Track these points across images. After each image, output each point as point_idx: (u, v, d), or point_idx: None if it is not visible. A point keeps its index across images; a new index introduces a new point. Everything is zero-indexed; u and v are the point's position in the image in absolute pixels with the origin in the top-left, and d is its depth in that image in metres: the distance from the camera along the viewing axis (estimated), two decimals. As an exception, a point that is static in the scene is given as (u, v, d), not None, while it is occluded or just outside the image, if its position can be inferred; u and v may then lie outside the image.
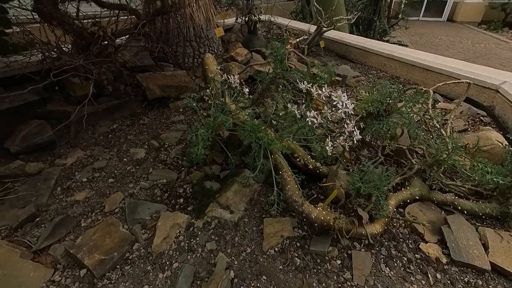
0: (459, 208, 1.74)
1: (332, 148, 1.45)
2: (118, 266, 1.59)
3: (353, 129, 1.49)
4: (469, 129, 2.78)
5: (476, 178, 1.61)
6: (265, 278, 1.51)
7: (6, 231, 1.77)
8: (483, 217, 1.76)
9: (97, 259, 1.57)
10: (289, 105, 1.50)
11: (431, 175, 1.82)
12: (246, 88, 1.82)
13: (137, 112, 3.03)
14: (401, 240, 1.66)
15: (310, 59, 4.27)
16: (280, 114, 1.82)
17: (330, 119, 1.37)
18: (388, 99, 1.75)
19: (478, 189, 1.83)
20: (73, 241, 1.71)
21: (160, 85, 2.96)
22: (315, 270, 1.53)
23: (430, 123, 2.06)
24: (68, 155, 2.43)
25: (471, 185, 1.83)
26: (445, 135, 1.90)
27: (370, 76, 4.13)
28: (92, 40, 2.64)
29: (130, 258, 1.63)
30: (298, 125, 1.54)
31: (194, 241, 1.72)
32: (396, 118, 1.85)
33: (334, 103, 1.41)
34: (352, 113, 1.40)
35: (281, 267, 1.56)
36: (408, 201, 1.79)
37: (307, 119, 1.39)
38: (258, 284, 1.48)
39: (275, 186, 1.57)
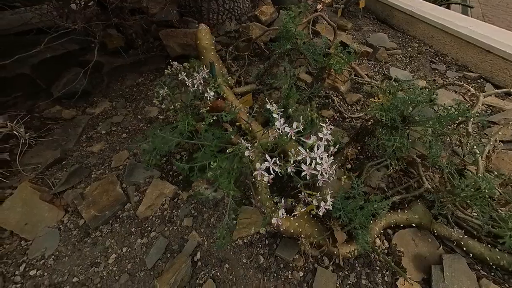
0: (465, 249, 1.08)
1: (283, 215, 0.79)
2: (110, 222, 1.37)
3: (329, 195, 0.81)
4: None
5: (506, 241, 0.88)
6: (227, 267, 1.18)
7: (38, 169, 1.62)
8: (494, 267, 1.09)
9: (92, 214, 1.35)
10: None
11: (441, 203, 1.10)
12: (211, 92, 1.08)
13: (161, 67, 2.43)
14: (377, 269, 1.12)
15: (343, 22, 2.92)
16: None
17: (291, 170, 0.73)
18: (412, 105, 0.91)
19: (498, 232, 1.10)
20: (83, 189, 1.50)
21: (180, 43, 2.22)
22: (275, 274, 1.14)
23: (464, 146, 1.16)
24: (98, 105, 2.08)
25: (491, 226, 1.10)
26: (480, 166, 1.05)
27: (409, 49, 2.76)
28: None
29: (120, 216, 1.39)
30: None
31: (175, 212, 1.39)
32: (417, 127, 1.03)
33: (303, 153, 0.69)
34: (329, 171, 0.69)
35: (244, 260, 1.20)
36: (402, 225, 1.16)
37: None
38: (218, 273, 1.16)
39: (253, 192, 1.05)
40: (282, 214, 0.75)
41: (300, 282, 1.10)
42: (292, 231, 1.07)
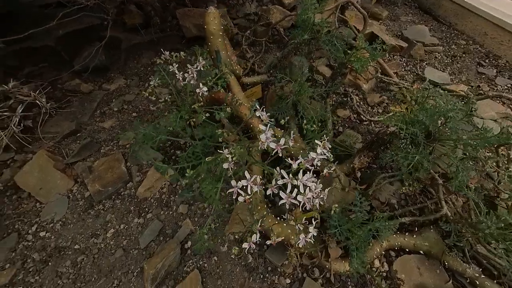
0: (478, 288, 0.95)
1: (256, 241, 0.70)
2: (112, 197, 1.43)
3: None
4: None
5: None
6: (215, 259, 1.18)
7: (56, 139, 1.71)
8: (506, 312, 0.95)
9: (96, 189, 1.41)
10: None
11: (459, 233, 0.96)
12: (204, 87, 0.97)
13: (177, 48, 2.36)
14: (370, 289, 1.04)
15: (378, 9, 2.57)
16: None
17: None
18: (441, 118, 0.74)
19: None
20: (91, 163, 1.56)
21: (196, 24, 2.12)
22: (262, 276, 1.11)
23: (501, 172, 0.95)
24: (114, 81, 2.11)
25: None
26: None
27: (453, 47, 2.37)
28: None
29: (122, 194, 1.44)
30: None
31: (173, 197, 1.41)
32: (445, 143, 0.87)
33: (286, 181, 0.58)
34: (316, 197, 0.58)
35: (233, 256, 1.19)
36: (407, 250, 1.05)
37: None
38: (206, 264, 1.17)
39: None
40: (256, 239, 0.68)
41: (285, 288, 1.07)
42: (283, 237, 1.01)
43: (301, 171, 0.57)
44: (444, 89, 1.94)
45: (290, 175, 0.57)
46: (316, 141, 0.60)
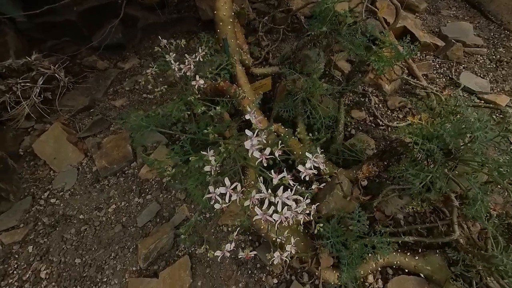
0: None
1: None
2: (117, 174, 1.49)
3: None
4: None
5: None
6: (207, 248, 1.19)
7: (72, 112, 1.78)
8: None
9: (103, 165, 1.47)
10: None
11: (469, 264, 0.87)
12: (200, 80, 0.90)
13: (192, 30, 2.30)
14: (356, 302, 1.01)
15: (415, 0, 2.26)
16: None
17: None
18: (466, 136, 0.63)
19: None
20: (101, 139, 1.62)
21: (212, 6, 2.01)
22: (250, 272, 1.12)
23: None
24: (129, 60, 2.13)
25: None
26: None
27: (500, 50, 2.06)
28: None
29: (126, 172, 1.49)
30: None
31: (172, 181, 1.42)
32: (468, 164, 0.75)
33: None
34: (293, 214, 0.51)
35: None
36: (406, 270, 0.98)
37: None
38: (197, 251, 1.19)
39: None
40: (230, 247, 0.64)
41: None
42: (273, 238, 0.99)
43: (280, 188, 0.52)
44: (481, 99, 1.71)
45: (269, 190, 0.51)
46: (307, 153, 0.54)
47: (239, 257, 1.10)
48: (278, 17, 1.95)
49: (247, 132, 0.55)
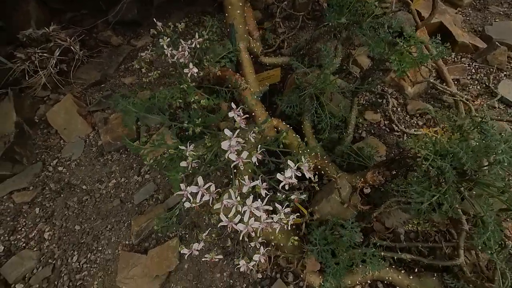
0: None
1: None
2: (120, 151, 1.53)
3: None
4: None
5: None
6: (197, 232, 1.22)
7: (84, 85, 1.82)
8: None
9: (107, 140, 1.51)
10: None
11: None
12: (194, 68, 0.83)
13: (207, 11, 2.21)
14: (338, 309, 0.98)
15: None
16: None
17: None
18: (487, 157, 0.53)
19: None
20: (108, 115, 1.66)
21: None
22: (234, 264, 1.12)
23: None
24: (142, 38, 2.11)
25: None
26: None
27: (552, 58, 1.77)
28: None
29: (128, 150, 1.52)
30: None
31: (171, 165, 1.43)
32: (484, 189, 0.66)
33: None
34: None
35: (214, 235, 1.19)
36: None
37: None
38: (187, 235, 1.21)
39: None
40: (199, 247, 0.61)
41: (255, 283, 1.07)
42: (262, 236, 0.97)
43: (250, 196, 0.47)
44: (517, 112, 1.51)
45: (238, 198, 0.47)
46: (289, 161, 0.49)
47: (227, 246, 1.11)
48: (299, 2, 1.79)
49: (226, 131, 0.50)
